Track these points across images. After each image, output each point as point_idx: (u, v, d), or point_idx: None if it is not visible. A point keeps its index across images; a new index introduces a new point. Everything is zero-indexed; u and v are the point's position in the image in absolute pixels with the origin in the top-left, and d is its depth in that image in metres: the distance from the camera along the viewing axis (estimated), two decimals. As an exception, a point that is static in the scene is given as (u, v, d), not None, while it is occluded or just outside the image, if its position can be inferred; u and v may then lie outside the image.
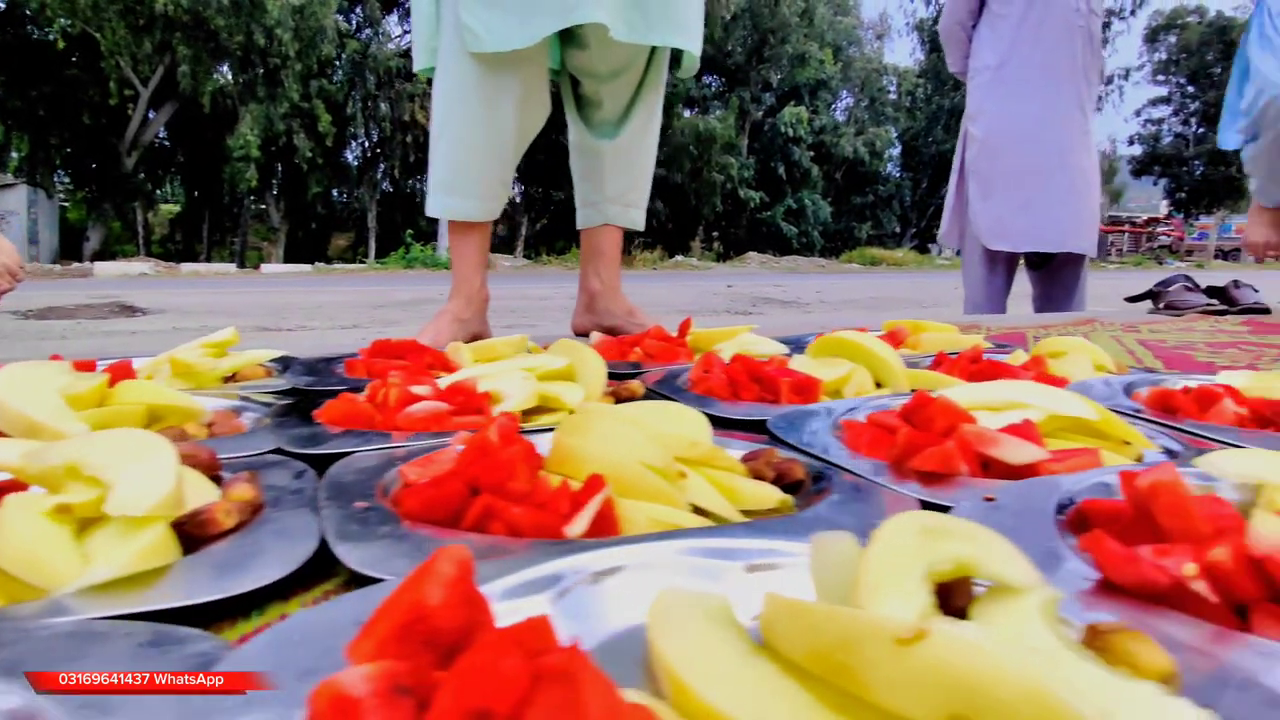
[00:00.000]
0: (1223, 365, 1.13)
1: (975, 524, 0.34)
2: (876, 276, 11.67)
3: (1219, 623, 0.34)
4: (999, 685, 0.23)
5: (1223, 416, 0.70)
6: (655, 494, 0.46)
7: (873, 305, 5.09)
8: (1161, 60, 24.70)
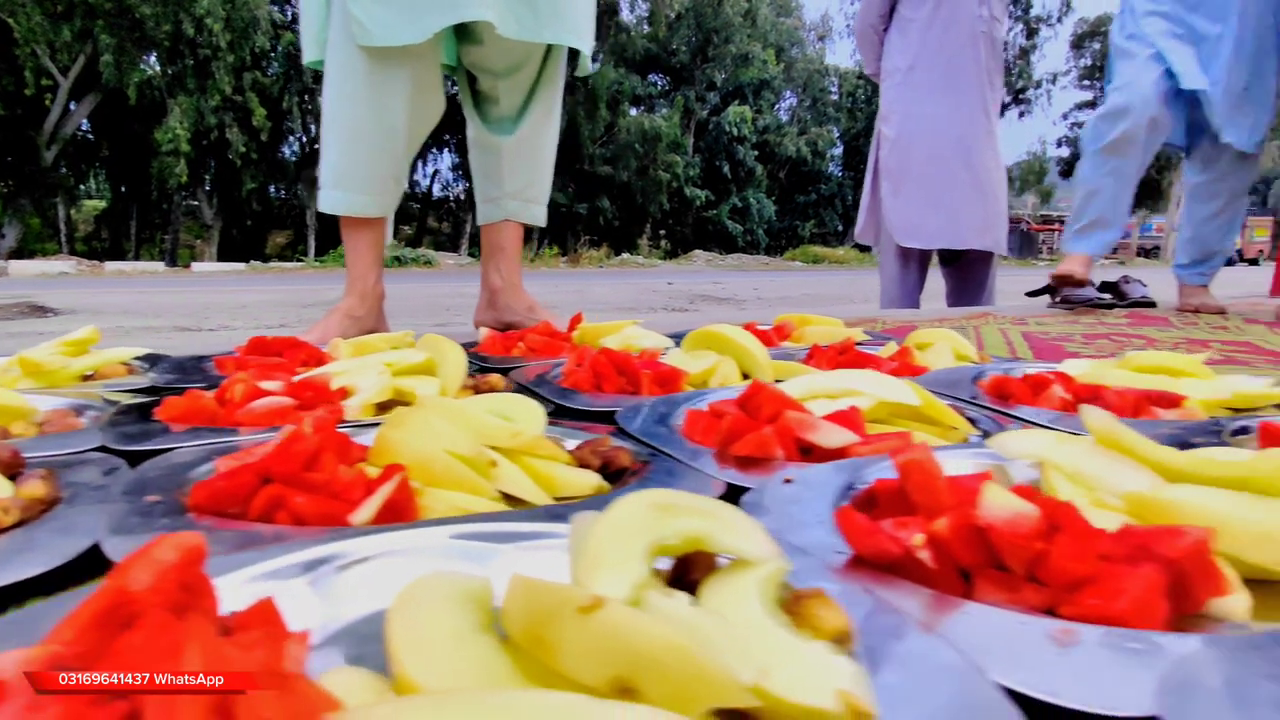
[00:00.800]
0: (1087, 355, 1.19)
1: (714, 501, 0.35)
2: (817, 274, 11.88)
3: (948, 588, 0.36)
4: (655, 649, 0.24)
5: (1050, 402, 0.74)
6: (460, 482, 0.47)
7: (807, 302, 5.19)
8: (1087, 66, 25.69)
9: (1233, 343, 1.40)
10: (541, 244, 17.44)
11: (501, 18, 1.13)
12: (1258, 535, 0.38)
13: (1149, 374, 0.82)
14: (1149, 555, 0.35)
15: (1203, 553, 0.35)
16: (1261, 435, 0.60)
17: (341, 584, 0.35)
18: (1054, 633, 0.31)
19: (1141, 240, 23.61)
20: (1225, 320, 1.79)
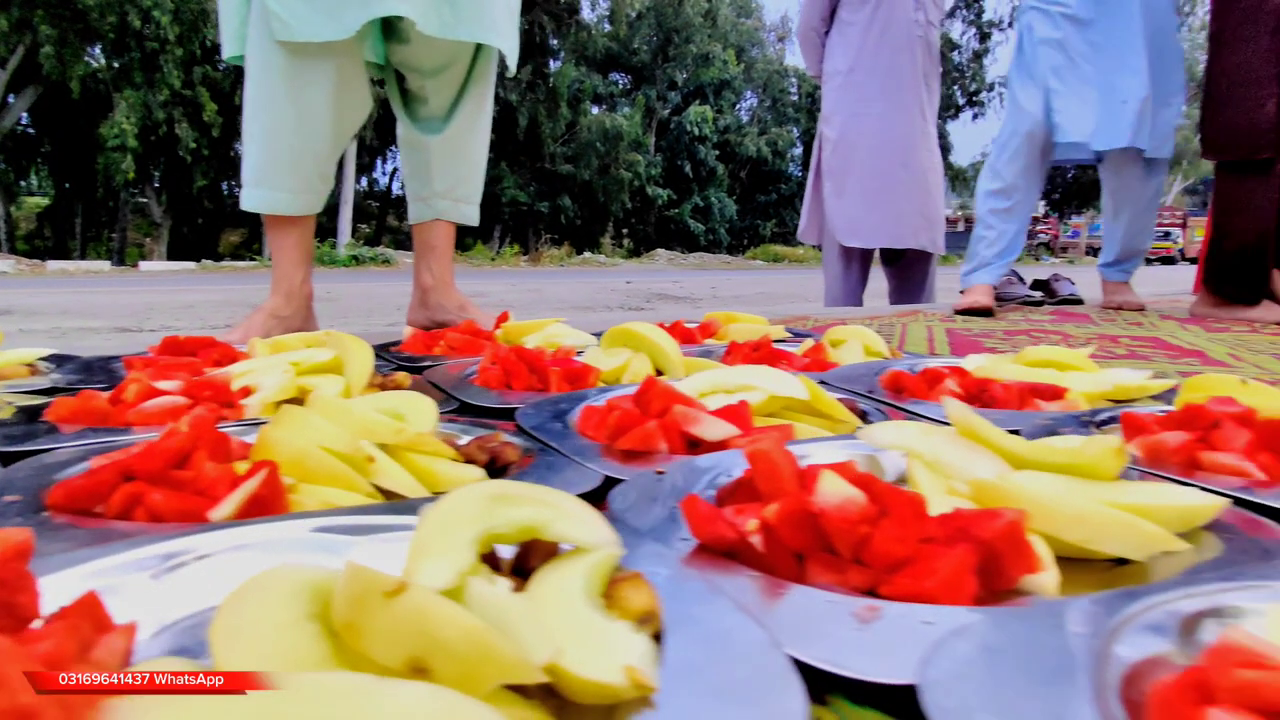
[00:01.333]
0: (1003, 350, 1.24)
1: (554, 492, 0.37)
2: (776, 272, 12.00)
3: (782, 571, 0.38)
4: (447, 631, 0.26)
5: (939, 396, 0.77)
6: (334, 478, 0.48)
7: (761, 300, 5.25)
8: (1038, 69, 26.35)
9: (1143, 338, 1.47)
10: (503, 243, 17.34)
11: (422, 14, 1.13)
12: (1072, 517, 0.40)
13: (1039, 368, 0.86)
14: (965, 536, 0.37)
15: (1016, 533, 0.38)
16: (1124, 424, 0.63)
17: (187, 578, 0.36)
18: (858, 610, 0.33)
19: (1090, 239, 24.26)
20: (1143, 317, 1.87)
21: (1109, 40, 1.88)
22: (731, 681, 0.27)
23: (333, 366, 0.77)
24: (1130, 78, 1.85)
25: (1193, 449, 0.55)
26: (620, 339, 0.93)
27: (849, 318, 1.71)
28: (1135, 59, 1.84)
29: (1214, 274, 1.81)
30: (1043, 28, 1.98)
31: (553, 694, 0.28)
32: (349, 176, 15.40)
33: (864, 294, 2.64)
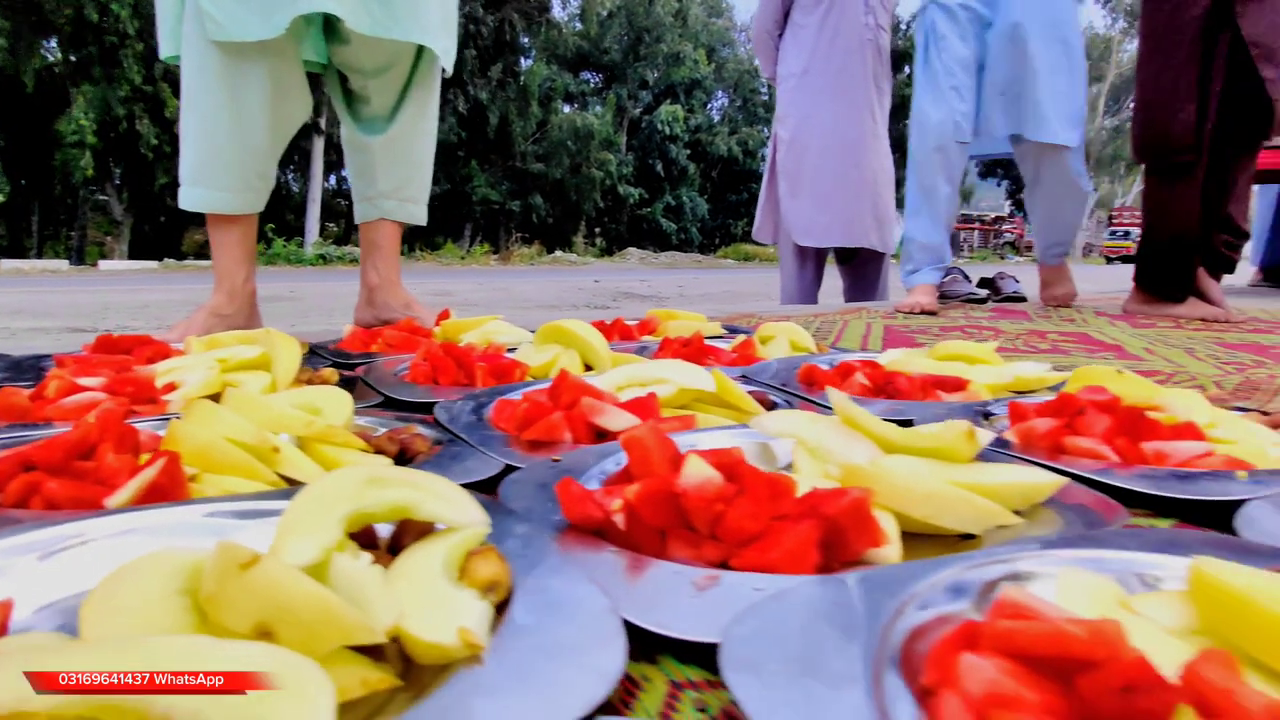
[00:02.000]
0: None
1: (428, 475, 0.39)
2: (747, 271, 12.08)
3: (646, 548, 0.41)
4: (292, 598, 0.28)
5: (851, 388, 0.81)
6: (238, 467, 0.50)
7: (726, 298, 5.29)
8: (1003, 71, 26.83)
9: (1070, 333, 1.52)
10: (473, 241, 17.24)
11: (352, 13, 1.14)
12: (919, 495, 0.44)
13: (948, 361, 0.90)
14: (813, 513, 0.41)
15: (861, 510, 0.41)
16: (1010, 412, 0.67)
17: (74, 560, 0.38)
18: (698, 580, 0.36)
19: (1054, 239, 24.72)
20: (1076, 313, 1.93)
21: (1005, 33, 1.89)
22: (561, 641, 0.30)
23: (260, 363, 0.79)
24: (1028, 68, 1.87)
25: (1058, 434, 0.59)
26: (551, 336, 0.96)
27: (792, 315, 1.75)
28: (1034, 50, 1.85)
29: (1143, 272, 1.88)
30: (944, 25, 2.01)
31: (407, 658, 0.31)
32: (316, 175, 15.21)
33: (819, 292, 2.69)
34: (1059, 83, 1.89)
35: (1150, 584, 0.35)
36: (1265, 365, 1.16)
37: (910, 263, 2.08)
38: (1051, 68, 1.87)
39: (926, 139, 2.01)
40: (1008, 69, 1.90)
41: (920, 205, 2.07)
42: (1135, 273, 1.94)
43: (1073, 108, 1.94)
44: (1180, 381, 0.98)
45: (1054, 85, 1.89)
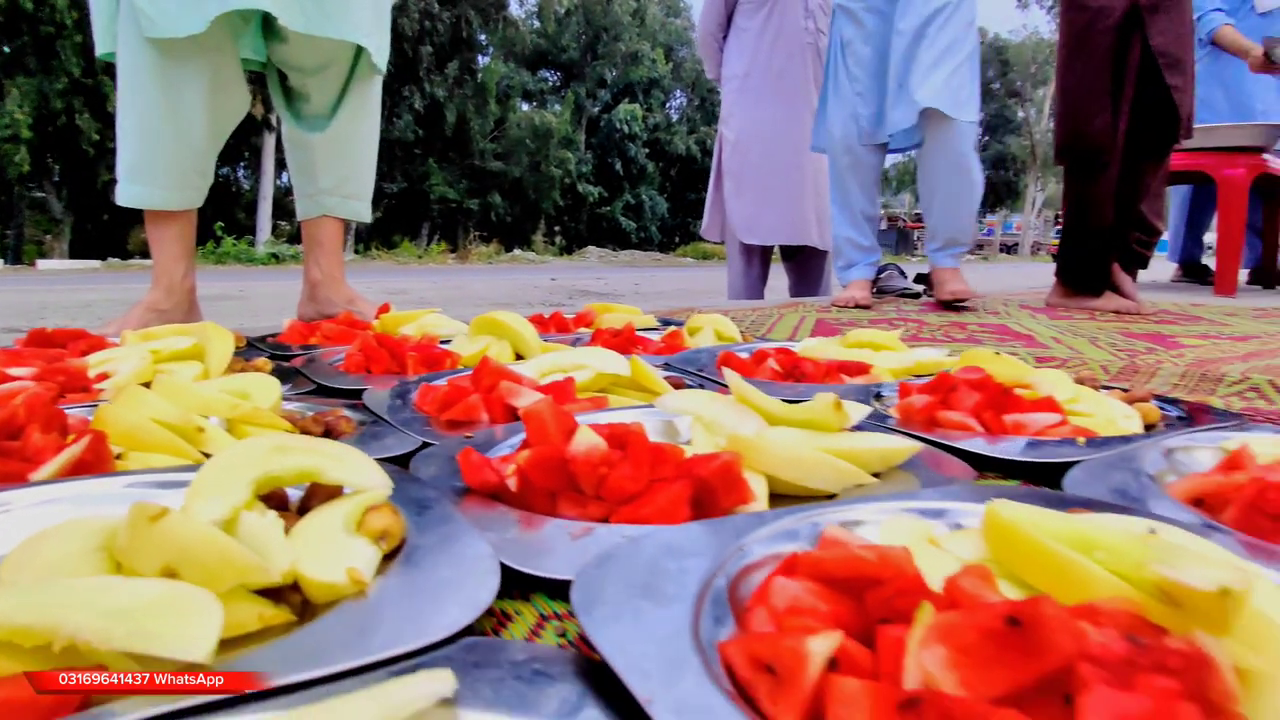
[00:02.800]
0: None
1: (334, 444, 0.43)
2: (704, 269, 12.17)
3: (539, 508, 0.46)
4: (194, 543, 0.32)
5: (763, 373, 0.86)
6: (162, 446, 0.53)
7: (680, 295, 5.35)
8: (953, 74, 27.46)
9: (989, 325, 1.61)
10: (431, 240, 17.04)
11: (284, 10, 1.16)
12: (785, 459, 0.49)
13: (856, 348, 0.97)
14: (687, 474, 0.45)
15: (730, 471, 0.46)
16: (899, 392, 0.73)
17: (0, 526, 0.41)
18: (574, 531, 0.41)
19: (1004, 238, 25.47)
20: (1000, 305, 2.03)
21: (907, 32, 1.88)
22: (440, 579, 0.34)
23: (193, 353, 0.81)
24: (924, 53, 1.85)
25: (933, 409, 0.65)
26: (484, 327, 0.99)
27: (732, 310, 1.81)
28: (930, 35, 1.84)
29: (1063, 268, 1.99)
30: (849, 30, 2.03)
31: (307, 601, 0.35)
32: (268, 172, 14.87)
33: (766, 288, 2.76)
34: (952, 61, 1.84)
35: (959, 526, 0.40)
36: (1155, 352, 1.25)
37: (841, 259, 2.14)
38: (947, 49, 1.83)
39: (835, 144, 2.07)
40: (906, 62, 1.89)
41: (839, 206, 2.12)
42: (1056, 268, 2.04)
43: (961, 83, 1.85)
44: (1074, 366, 1.06)
45: (948, 63, 1.83)
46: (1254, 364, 1.13)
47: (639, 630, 0.29)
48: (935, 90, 1.83)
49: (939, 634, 0.25)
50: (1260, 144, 2.77)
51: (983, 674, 0.24)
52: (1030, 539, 0.34)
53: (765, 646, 0.27)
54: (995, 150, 25.81)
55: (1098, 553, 0.31)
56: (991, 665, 0.24)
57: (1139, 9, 1.71)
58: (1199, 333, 1.56)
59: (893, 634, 0.27)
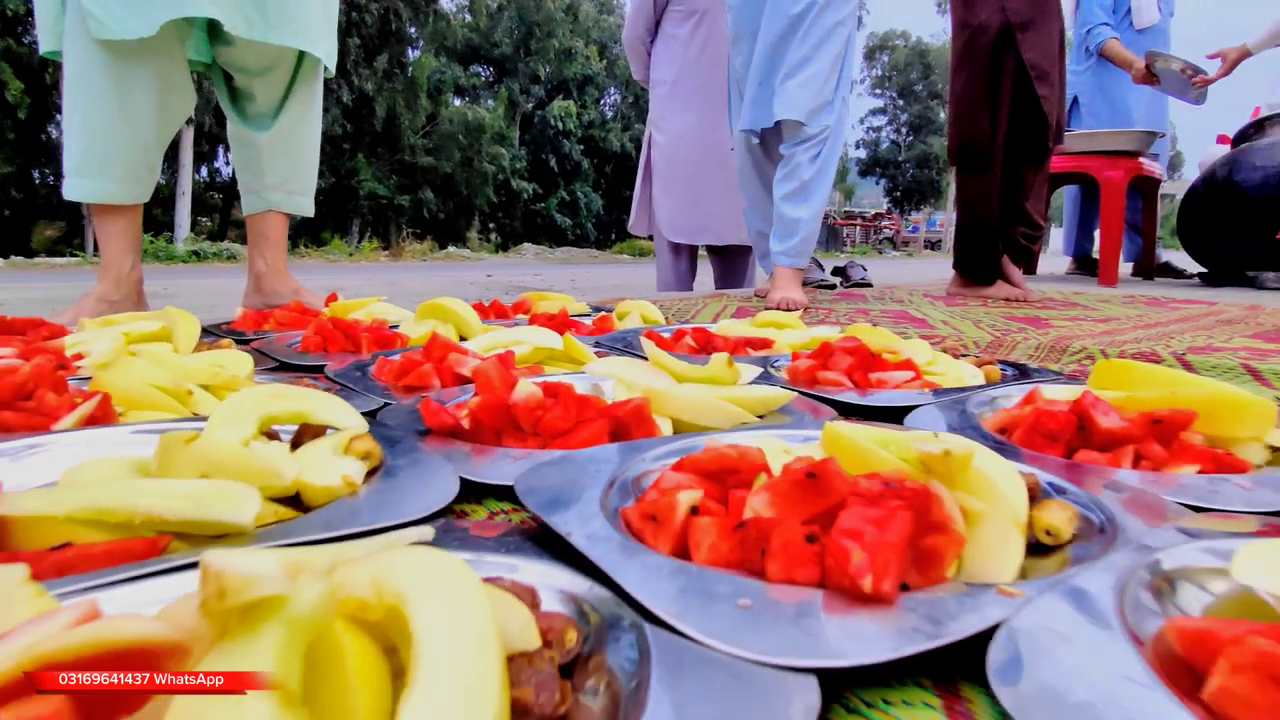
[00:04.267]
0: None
1: (320, 393, 0.53)
2: (639, 266, 12.30)
3: (487, 443, 0.57)
4: (223, 457, 0.42)
5: (681, 348, 0.99)
6: (158, 405, 0.61)
7: (616, 291, 5.46)
8: (878, 76, 28.45)
9: (892, 312, 1.78)
10: (362, 237, 16.68)
11: (229, 17, 1.22)
12: (686, 404, 0.61)
13: (764, 327, 1.10)
14: (607, 417, 0.57)
15: (641, 412, 0.58)
16: (793, 359, 0.87)
17: (39, 461, 0.49)
18: (515, 454, 0.52)
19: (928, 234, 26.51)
20: (906, 295, 2.22)
21: (765, 36, 1.92)
22: (413, 485, 0.45)
23: (161, 335, 0.89)
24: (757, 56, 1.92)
25: (814, 370, 0.79)
26: (430, 312, 1.09)
27: (660, 300, 1.93)
28: (772, 38, 1.89)
29: (958, 259, 2.19)
30: (729, 35, 2.09)
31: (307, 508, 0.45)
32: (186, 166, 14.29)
33: (695, 281, 2.90)
34: (810, 68, 1.86)
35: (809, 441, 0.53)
36: (1025, 331, 1.43)
37: (759, 250, 2.28)
38: (806, 58, 1.85)
39: (738, 141, 2.14)
40: (770, 64, 1.94)
41: (749, 201, 2.22)
42: (954, 262, 2.24)
43: (805, 91, 1.86)
44: (953, 342, 1.22)
45: (805, 70, 1.86)
46: (1102, 340, 1.32)
47: (563, 504, 0.41)
48: (789, 101, 1.88)
49: (765, 488, 0.38)
50: (1136, 148, 3.06)
51: (791, 507, 0.36)
52: (845, 438, 0.46)
53: (650, 504, 0.39)
54: (919, 150, 26.82)
55: (891, 447, 0.44)
56: (796, 502, 0.36)
57: (1011, 27, 1.91)
58: (1070, 316, 1.76)
59: (738, 494, 0.39)
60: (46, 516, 0.36)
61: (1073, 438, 0.57)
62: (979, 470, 0.40)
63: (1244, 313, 1.90)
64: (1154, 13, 3.26)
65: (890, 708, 0.28)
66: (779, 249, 1.97)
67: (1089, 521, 0.43)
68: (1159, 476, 0.51)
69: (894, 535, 0.32)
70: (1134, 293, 2.60)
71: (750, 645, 0.28)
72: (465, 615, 0.24)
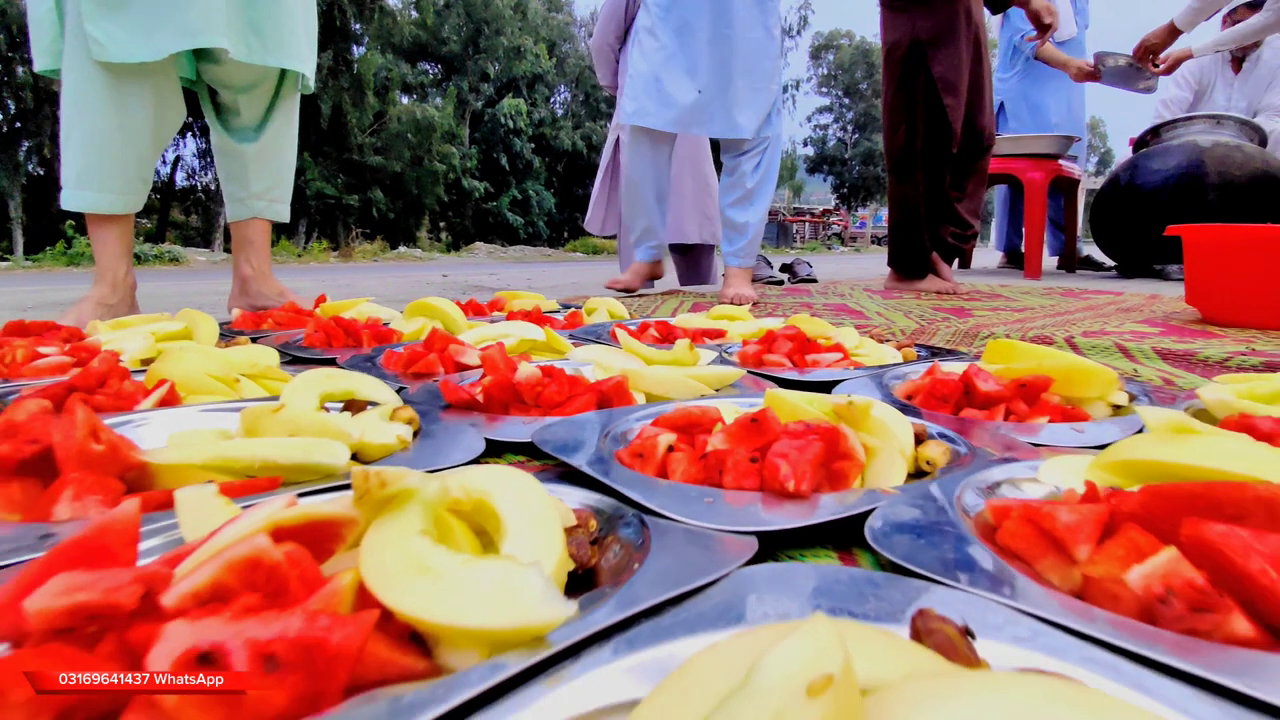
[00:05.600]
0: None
1: (362, 375, 0.66)
2: (595, 263, 12.39)
3: (497, 413, 0.70)
4: (304, 423, 0.54)
5: (646, 338, 1.12)
6: (213, 392, 0.73)
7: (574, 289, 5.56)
8: (824, 75, 29.04)
9: (832, 305, 1.95)
10: (310, 238, 16.41)
11: (234, 44, 1.32)
12: (657, 380, 0.75)
13: (718, 320, 1.25)
14: (594, 391, 0.71)
15: (620, 387, 0.72)
16: (744, 345, 1.01)
17: (141, 431, 0.61)
18: (523, 421, 0.65)
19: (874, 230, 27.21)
20: (848, 289, 2.40)
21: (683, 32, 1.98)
22: (449, 442, 0.58)
23: (184, 335, 0.99)
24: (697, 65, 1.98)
25: (760, 354, 0.94)
26: (418, 310, 1.21)
27: (621, 296, 2.07)
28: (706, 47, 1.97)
29: (891, 256, 2.38)
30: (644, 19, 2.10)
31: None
32: (123, 165, 13.86)
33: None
34: (756, 77, 1.97)
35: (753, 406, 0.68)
36: (948, 320, 1.61)
37: (633, 233, 2.32)
38: (751, 67, 1.94)
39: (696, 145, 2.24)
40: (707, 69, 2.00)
41: (629, 199, 2.27)
42: (888, 259, 2.43)
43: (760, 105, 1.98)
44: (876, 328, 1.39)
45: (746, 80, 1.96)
46: (1013, 327, 1.50)
47: (572, 449, 0.54)
48: (742, 120, 2.01)
49: (721, 431, 0.52)
50: (1055, 151, 3.31)
51: (740, 442, 0.50)
52: (780, 397, 0.61)
53: (637, 445, 0.53)
54: (865, 147, 27.48)
55: (814, 404, 0.59)
56: (744, 439, 0.51)
57: (922, 44, 2.10)
58: (991, 306, 1.96)
59: (701, 438, 0.53)
60: (185, 465, 0.48)
61: (960, 399, 0.72)
62: (876, 418, 0.54)
63: (1143, 301, 2.13)
64: (1071, 27, 3.53)
65: (803, 557, 0.43)
66: (730, 250, 2.13)
67: (958, 455, 0.58)
68: (1019, 425, 0.67)
69: (810, 455, 0.47)
70: (1053, 285, 2.84)
71: (713, 521, 0.42)
72: (532, 497, 0.38)
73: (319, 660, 0.27)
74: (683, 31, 2.01)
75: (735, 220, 2.11)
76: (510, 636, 0.28)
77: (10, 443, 0.46)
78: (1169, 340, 1.28)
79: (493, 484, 0.39)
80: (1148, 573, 0.33)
